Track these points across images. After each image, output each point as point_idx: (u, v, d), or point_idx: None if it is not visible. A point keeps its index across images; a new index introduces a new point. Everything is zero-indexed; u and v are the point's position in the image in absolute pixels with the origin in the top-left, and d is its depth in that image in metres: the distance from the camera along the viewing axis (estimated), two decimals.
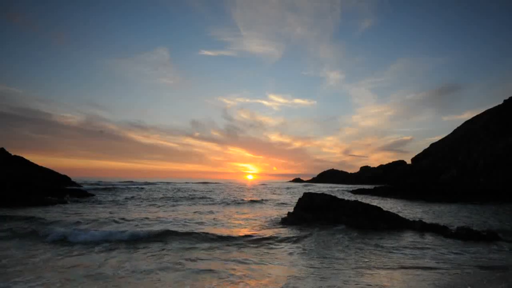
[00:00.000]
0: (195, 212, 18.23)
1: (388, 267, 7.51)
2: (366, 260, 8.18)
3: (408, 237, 11.29)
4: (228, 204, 23.59)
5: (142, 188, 47.21)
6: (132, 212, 17.53)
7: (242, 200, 27.16)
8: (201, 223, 13.60)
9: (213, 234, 10.82)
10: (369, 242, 10.20)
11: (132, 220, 14.05)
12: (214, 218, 15.46)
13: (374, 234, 11.64)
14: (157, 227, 11.90)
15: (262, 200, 27.45)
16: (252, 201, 25.43)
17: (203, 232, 11.07)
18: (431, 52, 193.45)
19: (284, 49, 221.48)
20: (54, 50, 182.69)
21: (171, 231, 11.09)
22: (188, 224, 13.34)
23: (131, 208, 19.28)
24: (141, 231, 10.94)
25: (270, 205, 23.99)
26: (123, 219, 14.23)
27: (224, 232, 11.53)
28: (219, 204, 23.52)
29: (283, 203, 24.78)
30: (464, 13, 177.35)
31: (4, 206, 18.08)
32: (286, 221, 14.38)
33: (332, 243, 10.19)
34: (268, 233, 11.70)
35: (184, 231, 11.22)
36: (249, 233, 11.46)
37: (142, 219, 14.27)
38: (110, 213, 16.90)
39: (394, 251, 9.21)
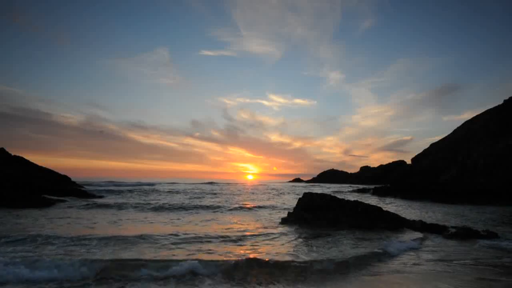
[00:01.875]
0: (188, 221, 14.99)
1: (387, 271, 7.51)
2: (364, 264, 8.18)
3: (408, 238, 11.29)
4: (226, 209, 21.87)
5: (143, 189, 47.12)
6: (120, 221, 14.35)
7: (243, 204, 26.92)
8: (190, 239, 10.04)
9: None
10: (368, 244, 10.19)
11: (113, 234, 10.51)
12: (206, 229, 12.36)
13: (373, 234, 11.63)
14: (123, 248, 8.72)
15: (263, 204, 26.65)
16: (252, 205, 25.10)
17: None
18: (431, 52, 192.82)
19: (284, 49, 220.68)
20: (54, 50, 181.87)
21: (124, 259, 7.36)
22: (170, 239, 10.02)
23: (124, 214, 17.17)
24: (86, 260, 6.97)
25: (271, 208, 23.92)
26: (114, 223, 13.07)
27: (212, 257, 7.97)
28: (218, 208, 22.07)
29: (287, 207, 24.07)
30: (464, 13, 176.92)
31: (4, 206, 18.05)
32: (286, 221, 14.42)
33: (329, 246, 10.18)
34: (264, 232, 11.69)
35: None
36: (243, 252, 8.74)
37: (130, 232, 10.84)
38: (95, 216, 16.80)
39: (394, 252, 9.21)
